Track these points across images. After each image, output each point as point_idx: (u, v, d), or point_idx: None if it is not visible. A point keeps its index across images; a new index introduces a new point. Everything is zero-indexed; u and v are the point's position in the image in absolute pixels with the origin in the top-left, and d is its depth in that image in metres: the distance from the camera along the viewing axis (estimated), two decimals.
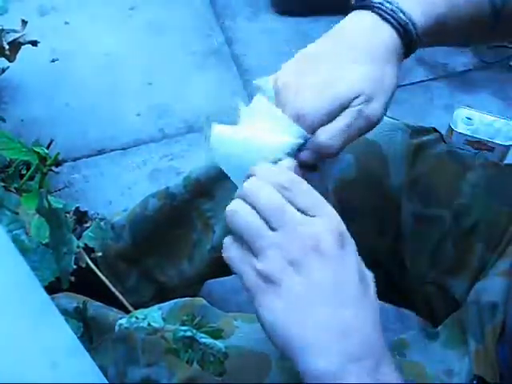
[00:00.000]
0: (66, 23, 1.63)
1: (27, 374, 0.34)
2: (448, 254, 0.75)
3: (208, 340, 0.54)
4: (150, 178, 1.31)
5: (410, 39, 0.57)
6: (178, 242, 0.89)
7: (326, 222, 0.45)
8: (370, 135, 0.75)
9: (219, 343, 0.55)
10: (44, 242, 0.59)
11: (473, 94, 1.50)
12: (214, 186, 0.85)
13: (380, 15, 0.56)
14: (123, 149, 1.36)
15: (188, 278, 0.90)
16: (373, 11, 0.57)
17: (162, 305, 0.69)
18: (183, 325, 0.55)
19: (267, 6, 1.69)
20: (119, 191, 1.28)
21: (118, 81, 1.49)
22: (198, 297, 0.72)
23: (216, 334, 0.56)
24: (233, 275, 0.54)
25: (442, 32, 0.60)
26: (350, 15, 0.58)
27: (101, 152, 1.36)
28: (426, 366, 0.63)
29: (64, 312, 0.64)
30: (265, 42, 1.59)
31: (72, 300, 0.74)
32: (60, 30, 1.60)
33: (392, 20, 0.56)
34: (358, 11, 0.58)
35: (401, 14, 0.56)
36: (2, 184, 0.80)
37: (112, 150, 1.36)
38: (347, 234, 0.46)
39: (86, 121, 1.40)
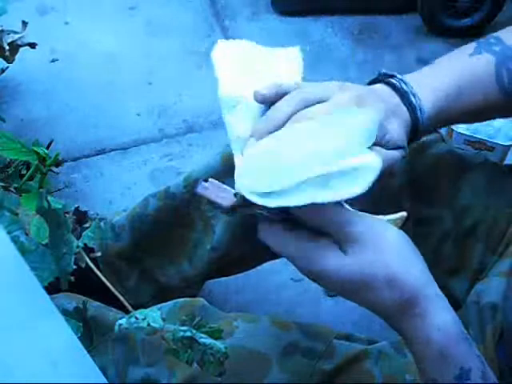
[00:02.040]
0: (66, 23, 1.63)
1: (27, 373, 0.34)
2: (448, 254, 0.75)
3: (208, 340, 0.54)
4: (150, 178, 1.31)
5: (416, 125, 0.59)
6: (178, 242, 0.89)
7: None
8: None
9: (219, 343, 0.55)
10: (44, 243, 0.59)
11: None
12: None
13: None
14: (123, 149, 1.36)
15: (188, 278, 0.90)
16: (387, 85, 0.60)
17: (161, 305, 0.69)
18: (183, 325, 0.55)
19: (267, 6, 1.69)
20: (119, 191, 1.28)
21: (117, 81, 1.49)
22: (198, 297, 0.72)
23: (216, 334, 0.56)
24: (233, 275, 0.55)
25: (448, 119, 0.63)
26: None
27: (101, 152, 1.35)
28: None
29: (64, 312, 0.64)
30: (265, 42, 1.58)
31: (72, 300, 0.74)
32: (60, 30, 1.60)
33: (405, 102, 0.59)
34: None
35: (412, 98, 0.60)
36: (2, 184, 0.80)
37: (112, 150, 1.36)
38: (312, 271, 0.49)
39: (86, 121, 1.40)
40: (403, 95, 0.60)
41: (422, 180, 0.76)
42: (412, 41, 1.62)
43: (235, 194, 0.51)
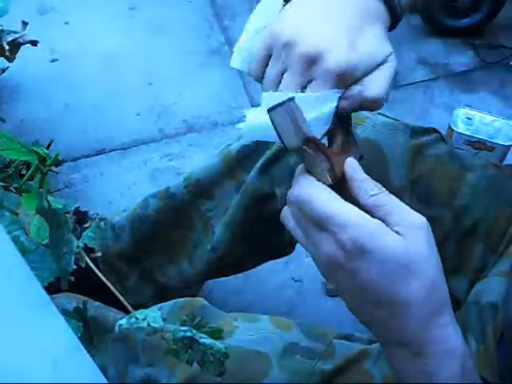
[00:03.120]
0: (66, 23, 1.63)
1: (27, 373, 0.34)
2: (448, 254, 0.75)
3: (208, 340, 0.54)
4: (150, 178, 1.31)
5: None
6: (178, 242, 0.89)
7: (333, 237, 0.45)
8: (370, 135, 0.76)
9: (219, 343, 0.55)
10: (44, 243, 0.59)
11: (473, 94, 1.50)
12: (214, 186, 0.85)
13: None
14: (123, 149, 1.36)
15: (188, 278, 0.90)
16: None
17: (161, 305, 0.69)
18: (183, 325, 0.55)
19: None
20: (119, 191, 1.28)
21: (117, 81, 1.49)
22: (198, 297, 0.72)
23: (216, 334, 0.56)
24: (233, 275, 0.55)
25: None
26: None
27: (101, 152, 1.36)
28: None
29: (64, 312, 0.64)
30: None
31: (72, 300, 0.74)
32: (60, 30, 1.60)
33: None
34: None
35: None
36: (2, 184, 0.80)
37: (112, 150, 1.36)
38: (362, 248, 0.45)
39: (86, 121, 1.40)
40: None
41: (421, 180, 0.76)
42: (412, 41, 1.62)
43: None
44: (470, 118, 1.22)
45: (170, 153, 1.36)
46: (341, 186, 0.48)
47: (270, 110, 0.46)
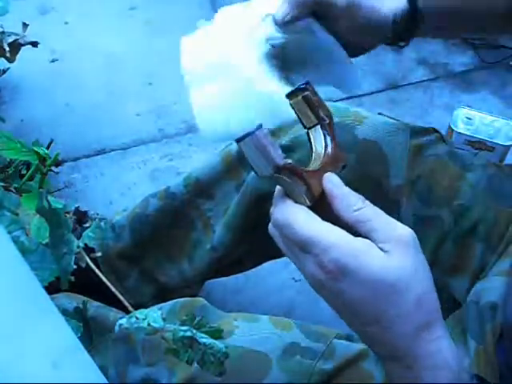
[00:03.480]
0: (66, 23, 1.63)
1: (27, 373, 0.34)
2: (448, 254, 0.75)
3: (208, 340, 0.54)
4: (150, 178, 1.31)
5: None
6: (178, 241, 0.89)
7: (316, 259, 0.45)
8: (369, 135, 0.75)
9: (219, 343, 0.55)
10: (44, 242, 0.59)
11: (473, 94, 1.50)
12: (214, 186, 0.85)
13: None
14: (123, 149, 1.36)
15: (188, 277, 0.90)
16: None
17: (161, 305, 0.69)
18: (183, 325, 0.55)
19: None
20: (119, 191, 1.28)
21: (117, 81, 1.49)
22: (198, 297, 0.72)
23: (216, 334, 0.56)
24: (233, 275, 0.55)
25: (453, 20, 0.60)
26: None
27: (101, 152, 1.36)
28: None
29: (64, 312, 0.64)
30: None
31: (72, 300, 0.74)
32: (60, 30, 1.60)
33: None
34: None
35: None
36: (2, 184, 0.80)
37: (112, 150, 1.36)
38: (345, 269, 0.44)
39: (86, 121, 1.40)
40: None
41: (421, 180, 0.76)
42: (412, 41, 1.61)
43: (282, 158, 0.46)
44: (470, 118, 1.22)
45: (170, 153, 1.36)
46: (322, 204, 0.48)
47: (238, 141, 0.45)
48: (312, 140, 0.52)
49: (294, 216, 0.46)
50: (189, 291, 0.90)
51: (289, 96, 0.51)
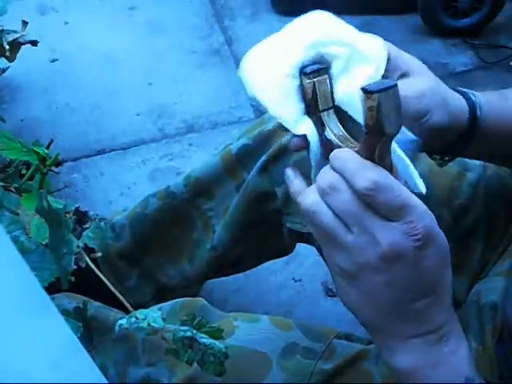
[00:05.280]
0: (66, 23, 1.63)
1: (27, 373, 0.34)
2: None
3: (208, 340, 0.54)
4: (150, 178, 1.31)
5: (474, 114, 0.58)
6: (178, 241, 0.89)
7: (407, 227, 0.44)
8: None
9: (219, 343, 0.55)
10: (44, 243, 0.59)
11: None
12: (214, 186, 0.85)
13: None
14: (123, 149, 1.36)
15: (188, 277, 0.90)
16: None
17: (161, 305, 0.69)
18: (183, 325, 0.55)
19: (267, 6, 1.69)
20: (119, 191, 1.28)
21: (117, 81, 1.49)
22: (198, 297, 0.72)
23: (216, 333, 0.56)
24: (233, 275, 0.54)
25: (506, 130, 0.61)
26: None
27: (101, 152, 1.36)
28: None
29: (64, 312, 0.64)
30: None
31: (72, 300, 0.74)
32: (60, 30, 1.60)
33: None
34: None
35: (471, 95, 0.59)
36: (2, 184, 0.80)
37: (112, 150, 1.36)
38: (431, 235, 0.45)
39: (86, 121, 1.40)
40: (466, 96, 0.59)
41: (421, 179, 0.75)
42: (412, 41, 1.62)
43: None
44: None
45: (170, 153, 1.36)
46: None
47: (375, 92, 0.42)
48: (326, 123, 0.51)
49: (392, 181, 0.44)
50: (189, 291, 0.90)
51: (308, 75, 0.51)
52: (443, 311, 0.47)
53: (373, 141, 0.44)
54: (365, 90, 0.43)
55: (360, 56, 0.53)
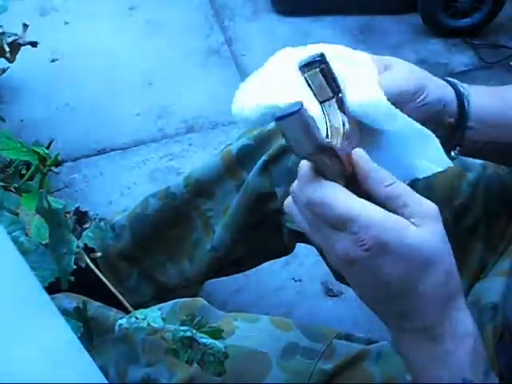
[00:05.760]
0: (66, 23, 1.63)
1: (27, 373, 0.34)
2: None
3: (208, 340, 0.54)
4: (150, 178, 1.31)
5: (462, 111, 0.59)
6: (178, 241, 0.89)
7: (352, 237, 0.45)
8: None
9: (219, 343, 0.55)
10: (44, 243, 0.59)
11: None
12: (214, 186, 0.85)
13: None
14: (123, 149, 1.36)
15: (188, 277, 0.90)
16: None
17: (161, 305, 0.69)
18: (183, 325, 0.55)
19: (267, 6, 1.69)
20: (119, 191, 1.28)
21: (117, 81, 1.49)
22: (198, 297, 0.72)
23: (216, 333, 0.56)
24: (233, 275, 0.55)
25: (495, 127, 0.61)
26: None
27: (101, 152, 1.36)
28: None
29: (64, 312, 0.64)
30: (265, 42, 1.59)
31: (72, 300, 0.74)
32: (60, 30, 1.60)
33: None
34: None
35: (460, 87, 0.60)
36: (2, 184, 0.80)
37: (112, 150, 1.36)
38: (383, 244, 0.45)
39: (86, 121, 1.40)
40: (452, 84, 0.61)
41: (421, 180, 0.75)
42: (412, 41, 1.62)
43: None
44: None
45: (170, 153, 1.36)
46: (353, 182, 0.48)
47: (278, 119, 0.43)
48: (326, 115, 0.51)
49: (333, 194, 0.46)
50: (189, 291, 0.90)
51: (303, 68, 0.50)
52: (429, 314, 0.47)
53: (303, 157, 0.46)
54: (275, 117, 0.44)
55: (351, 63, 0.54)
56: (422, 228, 0.46)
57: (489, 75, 1.54)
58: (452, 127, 0.60)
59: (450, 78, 0.62)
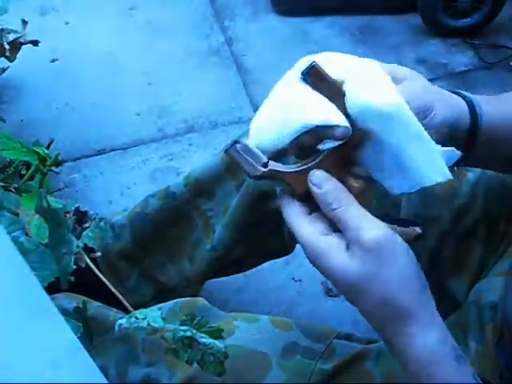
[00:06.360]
0: (66, 23, 1.63)
1: (27, 373, 0.34)
2: (448, 254, 0.74)
3: (208, 340, 0.54)
4: (150, 178, 1.31)
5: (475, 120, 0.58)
6: (178, 241, 0.89)
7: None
8: None
9: (219, 343, 0.55)
10: (44, 242, 0.59)
11: (473, 94, 1.50)
12: (214, 186, 0.85)
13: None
14: (123, 149, 1.36)
15: (188, 277, 0.90)
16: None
17: (161, 305, 0.69)
18: (183, 325, 0.55)
19: (267, 6, 1.69)
20: (119, 191, 1.28)
21: (118, 81, 1.49)
22: (199, 296, 0.72)
23: (216, 334, 0.56)
24: (233, 275, 0.55)
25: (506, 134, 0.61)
26: None
27: (101, 152, 1.36)
28: None
29: (64, 312, 0.64)
30: (265, 42, 1.59)
31: (72, 300, 0.74)
32: (60, 30, 1.60)
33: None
34: None
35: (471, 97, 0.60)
36: (2, 184, 0.80)
37: (112, 150, 1.36)
38: (313, 259, 0.49)
39: (86, 121, 1.40)
40: (462, 95, 0.60)
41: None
42: (412, 41, 1.62)
43: (264, 163, 0.51)
44: None
45: (170, 153, 1.36)
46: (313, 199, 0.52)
47: (225, 151, 0.52)
48: None
49: (287, 212, 0.52)
50: (189, 291, 0.90)
51: (305, 77, 0.51)
52: (381, 330, 0.51)
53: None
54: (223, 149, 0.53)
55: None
56: (352, 256, 0.48)
57: (489, 75, 1.55)
58: (460, 143, 0.59)
59: (467, 94, 0.60)
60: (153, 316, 0.54)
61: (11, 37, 1.21)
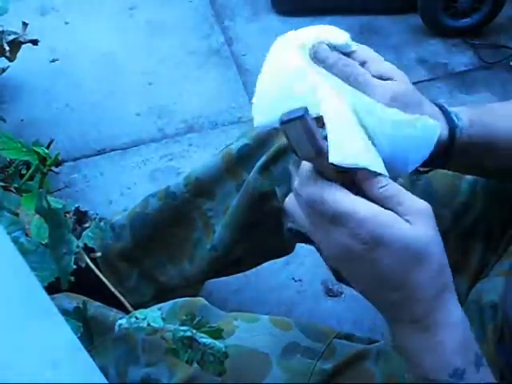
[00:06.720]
0: (66, 23, 1.63)
1: (27, 373, 0.34)
2: (448, 253, 0.74)
3: (208, 340, 0.54)
4: (150, 178, 1.31)
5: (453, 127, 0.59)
6: (178, 241, 0.89)
7: (349, 232, 0.48)
8: None
9: (219, 343, 0.55)
10: (44, 243, 0.59)
11: (473, 94, 1.50)
12: (214, 186, 0.85)
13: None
14: (123, 149, 1.36)
15: (188, 277, 0.90)
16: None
17: (161, 305, 0.69)
18: (183, 325, 0.55)
19: (267, 6, 1.69)
20: (119, 191, 1.28)
21: (117, 81, 1.49)
22: (198, 297, 0.72)
23: (216, 333, 0.56)
24: (233, 275, 0.55)
25: (487, 138, 0.61)
26: None
27: (101, 152, 1.36)
28: None
29: (64, 312, 0.64)
30: (265, 41, 1.58)
31: (72, 300, 0.74)
32: (60, 30, 1.60)
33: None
34: None
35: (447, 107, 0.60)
36: (2, 184, 0.80)
37: (112, 150, 1.36)
38: (379, 239, 0.47)
39: (86, 121, 1.40)
40: (439, 105, 0.61)
41: (421, 179, 0.76)
42: (412, 41, 1.62)
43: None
44: None
45: (170, 153, 1.36)
46: (350, 181, 0.50)
47: (282, 123, 0.46)
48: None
49: (332, 192, 0.49)
50: (189, 291, 0.90)
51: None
52: (422, 304, 0.49)
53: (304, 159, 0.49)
54: (280, 120, 0.46)
55: None
56: (414, 225, 0.48)
57: (489, 75, 1.55)
58: (438, 152, 0.59)
59: (446, 107, 0.61)
60: (153, 316, 0.54)
61: (11, 37, 1.21)
